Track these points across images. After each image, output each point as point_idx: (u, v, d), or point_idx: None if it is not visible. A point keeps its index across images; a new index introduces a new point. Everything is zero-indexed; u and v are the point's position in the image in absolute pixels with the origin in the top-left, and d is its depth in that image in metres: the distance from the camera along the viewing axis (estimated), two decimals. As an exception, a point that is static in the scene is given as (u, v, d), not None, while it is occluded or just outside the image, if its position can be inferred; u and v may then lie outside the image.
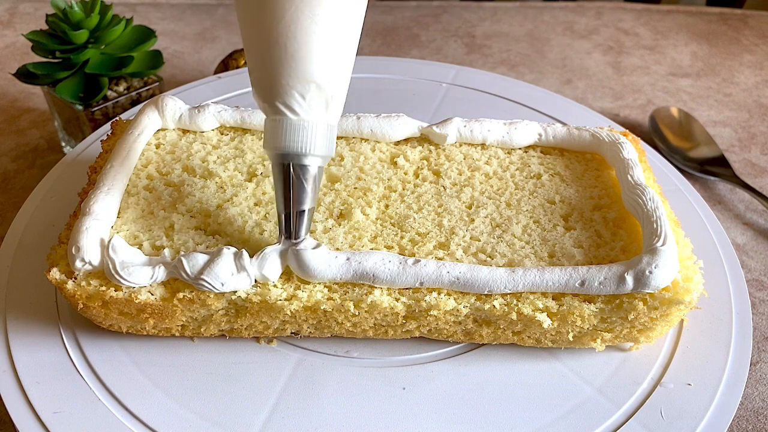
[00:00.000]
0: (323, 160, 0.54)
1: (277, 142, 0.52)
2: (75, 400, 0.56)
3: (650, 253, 0.56)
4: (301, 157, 0.53)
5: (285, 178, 0.53)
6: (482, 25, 1.33)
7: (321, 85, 0.51)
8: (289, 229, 0.55)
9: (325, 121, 0.53)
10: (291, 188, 0.53)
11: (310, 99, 0.51)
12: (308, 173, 0.53)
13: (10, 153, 0.95)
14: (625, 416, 0.57)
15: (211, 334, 0.62)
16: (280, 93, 0.51)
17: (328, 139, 0.53)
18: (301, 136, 0.52)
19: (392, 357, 0.62)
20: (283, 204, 0.54)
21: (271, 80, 0.50)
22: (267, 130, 0.53)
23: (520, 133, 0.71)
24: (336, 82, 0.52)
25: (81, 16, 0.83)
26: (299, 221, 0.55)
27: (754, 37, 1.29)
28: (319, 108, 0.52)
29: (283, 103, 0.51)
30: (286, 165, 0.53)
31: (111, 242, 0.56)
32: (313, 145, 0.52)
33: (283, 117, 0.51)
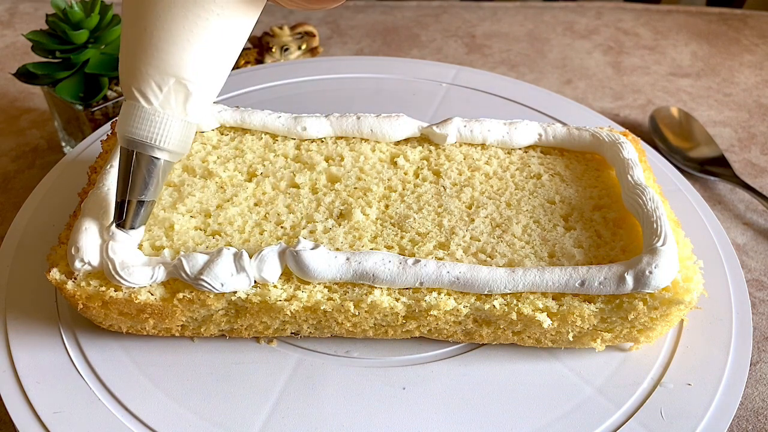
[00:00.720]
0: (171, 155, 0.53)
1: (125, 126, 0.51)
2: (75, 400, 0.56)
3: (650, 253, 0.56)
4: (147, 147, 0.52)
5: (127, 164, 0.52)
6: (482, 25, 1.33)
7: (182, 81, 0.50)
8: (120, 216, 0.55)
9: (180, 118, 0.52)
10: (131, 176, 0.52)
11: (167, 92, 0.50)
12: (153, 165, 0.53)
13: (10, 153, 0.95)
14: (625, 416, 0.57)
15: (211, 334, 0.62)
16: (138, 79, 0.50)
17: (182, 136, 0.52)
18: (150, 126, 0.51)
19: (392, 357, 0.62)
20: (120, 190, 0.54)
21: (132, 65, 0.50)
22: (121, 115, 0.52)
23: (520, 133, 0.71)
24: (201, 82, 0.51)
25: (81, 16, 0.83)
26: (134, 211, 0.54)
27: (754, 37, 1.29)
28: (177, 103, 0.51)
29: (138, 90, 0.50)
30: (131, 152, 0.52)
31: (110, 242, 0.56)
32: (163, 139, 0.51)
33: (137, 103, 0.51)
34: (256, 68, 0.97)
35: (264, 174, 0.67)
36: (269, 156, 0.69)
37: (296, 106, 0.80)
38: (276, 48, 1.01)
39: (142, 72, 0.50)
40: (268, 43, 1.01)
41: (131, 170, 0.52)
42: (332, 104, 0.81)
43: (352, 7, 1.36)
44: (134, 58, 0.50)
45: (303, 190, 0.66)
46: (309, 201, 0.65)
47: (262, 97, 0.91)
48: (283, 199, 0.65)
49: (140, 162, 0.52)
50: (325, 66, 0.98)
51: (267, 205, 0.64)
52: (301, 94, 0.93)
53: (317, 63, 0.99)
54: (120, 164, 0.53)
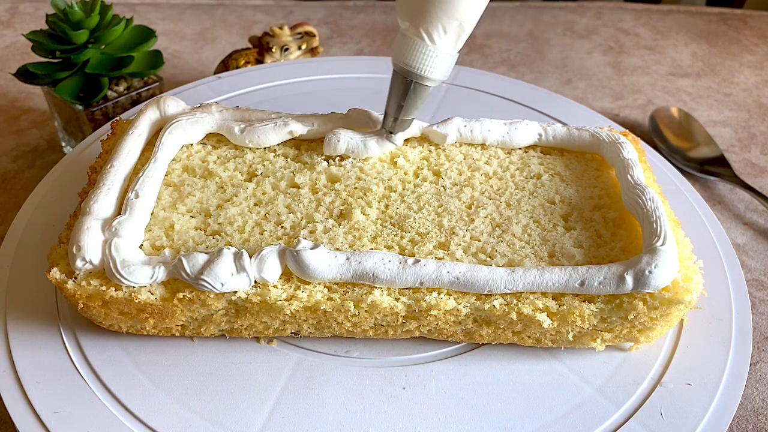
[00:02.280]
0: (437, 83, 0.62)
1: (408, 59, 0.60)
2: (75, 400, 0.56)
3: (650, 252, 0.56)
4: (425, 78, 0.61)
5: (404, 91, 0.62)
6: (482, 25, 1.33)
7: (462, 24, 0.59)
8: (393, 128, 0.66)
9: (451, 53, 0.61)
10: (407, 100, 0.63)
11: (450, 33, 0.59)
12: (425, 92, 0.63)
13: (10, 153, 0.95)
14: (625, 416, 0.57)
15: (211, 334, 0.62)
16: (427, 21, 0.58)
17: (449, 67, 0.61)
18: (431, 61, 0.59)
19: (392, 357, 0.62)
20: (396, 110, 0.64)
21: (422, 8, 0.57)
22: (401, 46, 0.60)
23: (520, 133, 0.71)
24: (473, 22, 0.60)
25: (81, 16, 0.83)
26: (402, 125, 0.66)
27: (754, 37, 1.29)
28: (453, 41, 0.60)
29: (426, 31, 0.58)
30: (409, 81, 0.61)
31: (112, 242, 0.56)
32: (438, 71, 0.61)
33: (421, 41, 0.59)
34: (256, 68, 0.97)
35: (264, 174, 0.67)
36: (269, 156, 0.69)
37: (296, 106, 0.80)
38: (276, 48, 1.01)
39: (432, 15, 0.57)
40: (268, 43, 1.01)
41: (407, 96, 0.62)
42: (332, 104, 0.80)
43: (352, 7, 1.36)
44: (425, 2, 0.57)
45: (303, 190, 0.66)
46: (309, 201, 0.65)
47: (262, 97, 0.91)
48: (283, 199, 0.65)
49: (416, 90, 0.62)
50: (325, 66, 0.98)
51: (267, 205, 0.64)
52: (301, 94, 0.93)
53: (317, 63, 0.99)
54: (396, 89, 0.63)
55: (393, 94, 0.63)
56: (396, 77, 0.62)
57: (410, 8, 0.58)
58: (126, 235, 0.57)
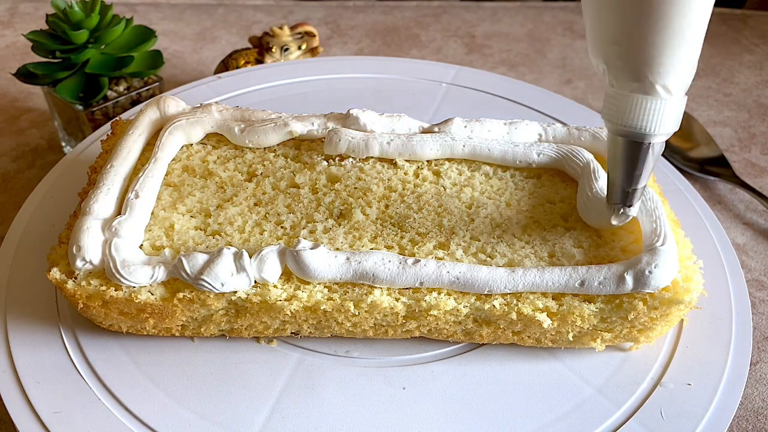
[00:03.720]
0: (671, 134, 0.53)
1: (644, 121, 0.50)
2: (75, 400, 0.56)
3: (650, 252, 0.56)
4: (665, 135, 0.51)
5: (642, 156, 0.52)
6: (482, 25, 1.33)
7: (694, 66, 0.50)
8: (631, 200, 0.54)
9: (683, 99, 0.51)
10: (645, 165, 0.52)
11: (683, 78, 0.49)
12: (660, 148, 0.53)
13: (10, 153, 0.95)
14: (625, 416, 0.57)
15: (211, 334, 0.62)
16: (663, 75, 0.48)
17: (681, 112, 0.52)
18: (669, 114, 0.50)
19: (392, 357, 0.62)
20: (629, 181, 0.53)
21: (654, 61, 0.48)
22: (627, 107, 0.50)
23: (520, 133, 0.71)
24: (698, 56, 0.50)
25: (81, 16, 0.83)
26: (641, 193, 0.55)
27: (754, 37, 1.29)
28: (686, 84, 0.50)
29: (662, 84, 0.49)
30: (646, 145, 0.51)
31: (112, 242, 0.56)
32: (673, 122, 0.51)
33: (654, 97, 0.49)
34: (256, 68, 0.97)
35: (264, 174, 0.67)
36: (269, 156, 0.69)
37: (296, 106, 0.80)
38: (276, 48, 1.01)
39: (662, 63, 0.48)
40: (268, 43, 1.01)
41: (644, 161, 0.52)
42: (332, 104, 0.80)
43: (352, 7, 1.36)
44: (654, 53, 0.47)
45: (303, 190, 0.66)
46: (309, 201, 0.65)
47: (262, 97, 0.91)
48: (283, 199, 0.65)
49: (653, 151, 0.52)
50: (325, 66, 0.98)
51: (267, 205, 0.64)
52: (301, 94, 0.93)
53: (317, 63, 0.99)
54: (625, 157, 0.52)
55: (623, 163, 0.52)
56: (623, 143, 0.52)
57: (638, 65, 0.48)
58: (126, 235, 0.57)
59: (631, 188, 0.54)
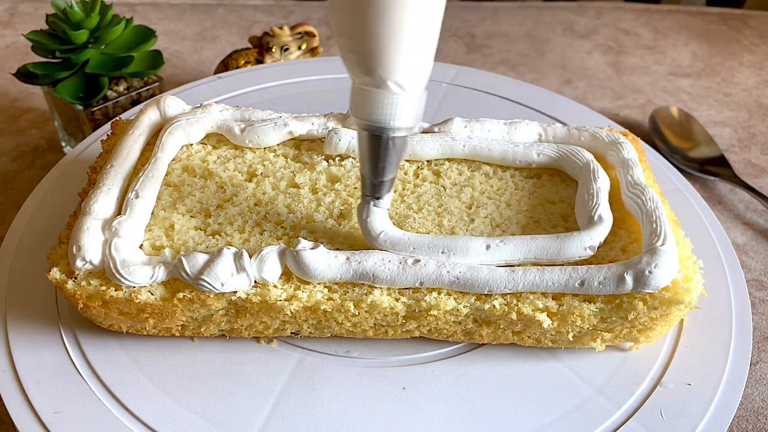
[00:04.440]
0: (413, 129, 0.55)
1: (379, 115, 0.52)
2: (75, 400, 0.56)
3: (650, 252, 0.56)
4: (400, 129, 0.53)
5: (381, 149, 0.54)
6: (482, 25, 1.33)
7: (425, 58, 0.51)
8: (378, 193, 0.57)
9: (420, 95, 0.53)
10: (386, 159, 0.54)
11: (414, 73, 0.51)
12: (403, 142, 0.55)
13: (10, 153, 0.95)
14: (625, 416, 0.57)
15: (211, 334, 0.62)
16: (393, 70, 0.50)
17: (420, 108, 0.54)
18: (405, 108, 0.52)
19: (392, 357, 0.62)
20: (375, 173, 0.55)
21: (381, 55, 0.49)
22: (364, 101, 0.52)
23: (520, 133, 0.71)
24: (432, 52, 0.52)
25: (81, 16, 0.83)
26: (389, 185, 0.57)
27: (754, 37, 1.29)
28: (420, 80, 0.52)
29: (393, 80, 0.50)
30: (385, 138, 0.53)
31: (112, 242, 0.56)
32: (411, 117, 0.53)
33: (386, 91, 0.51)
34: (256, 68, 0.97)
35: (264, 174, 0.67)
36: (269, 156, 0.69)
37: (296, 106, 0.80)
38: (276, 48, 1.01)
39: (389, 59, 0.49)
40: (268, 43, 1.01)
41: (386, 154, 0.54)
42: (332, 104, 0.80)
43: (352, 7, 1.36)
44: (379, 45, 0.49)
45: (303, 190, 0.66)
46: (309, 201, 0.65)
47: (262, 97, 0.91)
48: (283, 199, 0.65)
49: (395, 144, 0.54)
50: (325, 66, 0.98)
51: (267, 205, 0.64)
52: (301, 94, 0.93)
53: (317, 63, 0.99)
54: (369, 150, 0.54)
55: (368, 156, 0.55)
56: (368, 138, 0.54)
57: (366, 58, 0.50)
58: (126, 235, 0.57)
59: (377, 180, 0.56)
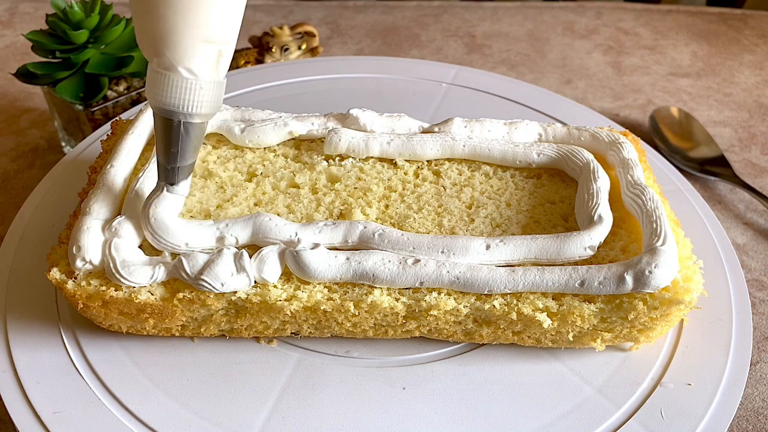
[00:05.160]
0: (208, 117, 0.54)
1: (170, 99, 0.51)
2: (75, 400, 0.56)
3: (650, 252, 0.56)
4: (195, 116, 0.52)
5: (175, 135, 0.53)
6: (482, 25, 1.33)
7: (215, 43, 0.50)
8: (174, 179, 0.56)
9: (213, 80, 0.52)
10: (180, 144, 0.53)
11: (206, 60, 0.50)
12: (200, 130, 0.54)
13: (10, 153, 0.95)
14: (625, 416, 0.57)
15: (211, 334, 0.62)
16: (179, 52, 0.49)
17: (216, 97, 0.53)
18: (197, 96, 0.51)
19: (392, 357, 0.62)
20: (167, 158, 0.54)
21: (170, 37, 0.49)
22: (156, 84, 0.51)
23: (520, 133, 0.71)
24: (232, 43, 0.52)
25: (81, 16, 0.83)
26: (184, 172, 0.56)
27: (754, 37, 1.29)
28: (210, 67, 0.51)
29: (181, 63, 0.50)
30: (177, 122, 0.52)
31: (112, 242, 0.56)
32: (207, 104, 0.52)
33: (176, 75, 0.50)
34: (256, 68, 0.97)
35: (264, 174, 0.67)
36: (269, 156, 0.69)
37: (296, 106, 0.80)
38: (276, 48, 1.01)
39: (184, 44, 0.49)
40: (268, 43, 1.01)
41: (178, 140, 0.53)
42: (332, 104, 0.80)
43: (352, 7, 1.36)
44: (170, 30, 0.48)
45: (303, 190, 0.66)
46: (309, 201, 0.65)
47: (262, 97, 0.91)
48: (283, 199, 0.65)
49: (187, 130, 0.53)
50: (325, 66, 0.98)
51: (267, 205, 0.64)
52: (301, 94, 0.93)
53: (317, 63, 0.99)
54: (163, 135, 0.53)
55: (162, 141, 0.54)
56: (160, 121, 0.53)
57: (154, 39, 0.49)
58: (126, 235, 0.57)
59: (170, 166, 0.55)
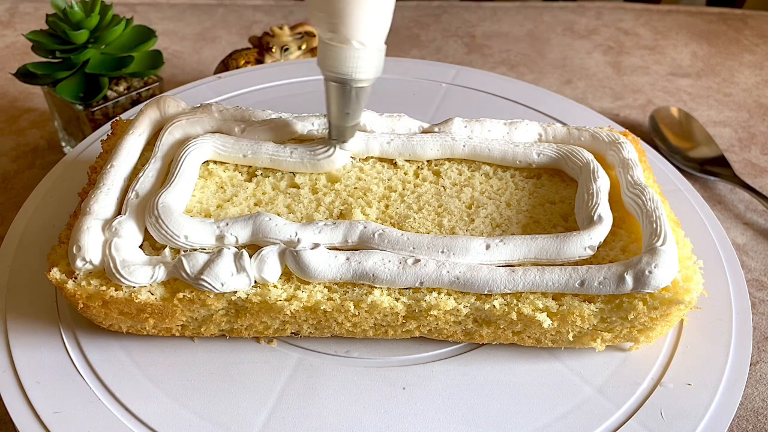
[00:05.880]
0: (375, 79, 0.61)
1: (343, 68, 0.58)
2: (75, 400, 0.56)
3: (650, 252, 0.56)
4: (364, 81, 0.59)
5: (347, 98, 0.60)
6: (482, 25, 1.33)
7: (385, 18, 0.57)
8: (344, 136, 0.65)
9: (382, 47, 0.59)
10: (351, 106, 0.61)
11: (375, 31, 0.57)
12: (367, 93, 0.61)
13: (10, 153, 0.95)
14: (625, 416, 0.57)
15: (211, 334, 0.62)
16: (353, 26, 0.55)
17: (381, 61, 0.60)
18: (366, 63, 0.58)
19: (392, 357, 0.62)
20: (342, 119, 0.62)
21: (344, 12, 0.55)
22: (330, 55, 0.58)
23: (520, 133, 0.71)
24: (391, 11, 0.58)
25: (81, 16, 0.83)
26: (352, 131, 0.65)
27: (754, 37, 1.29)
28: (381, 36, 0.58)
29: (354, 36, 0.56)
30: (349, 87, 0.59)
31: (112, 242, 0.56)
32: (374, 69, 0.59)
33: (351, 47, 0.56)
34: (256, 68, 0.97)
35: (264, 174, 0.67)
36: (269, 156, 0.69)
37: (296, 106, 0.80)
38: (276, 48, 1.01)
39: (357, 18, 0.55)
40: (268, 43, 1.01)
41: (350, 103, 0.61)
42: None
43: (352, 7, 1.36)
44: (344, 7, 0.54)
45: (303, 190, 0.66)
46: (309, 201, 0.65)
47: (262, 97, 0.91)
48: (283, 199, 0.65)
49: (358, 95, 0.60)
50: (325, 66, 0.98)
51: (267, 205, 0.64)
52: (301, 94, 0.93)
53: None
54: (336, 99, 0.61)
55: (335, 104, 0.61)
56: (333, 87, 0.60)
57: (331, 17, 0.55)
58: (126, 235, 0.57)
59: (344, 125, 0.63)
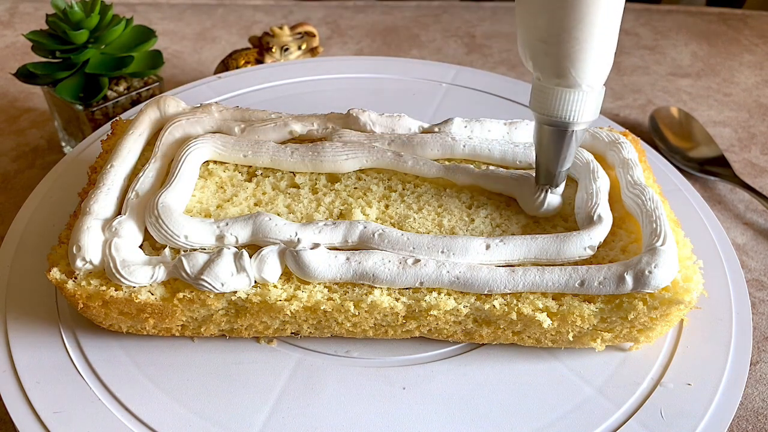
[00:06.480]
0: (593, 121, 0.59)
1: (566, 112, 0.55)
2: (75, 400, 0.56)
3: (650, 252, 0.56)
4: (582, 123, 0.57)
5: (566, 143, 0.58)
6: (482, 25, 1.33)
7: (610, 58, 0.54)
8: (556, 182, 0.61)
9: (601, 91, 0.56)
10: (569, 150, 0.58)
11: (602, 73, 0.54)
12: (583, 134, 0.58)
13: (10, 153, 0.95)
14: (625, 416, 0.57)
15: (211, 334, 0.62)
16: (586, 72, 0.53)
17: (600, 101, 0.57)
18: (589, 104, 0.55)
19: (392, 357, 0.62)
20: (556, 163, 0.59)
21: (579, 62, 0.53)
22: (551, 99, 0.55)
23: (521, 133, 0.71)
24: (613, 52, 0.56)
25: (81, 16, 0.83)
26: (564, 175, 0.61)
27: (754, 37, 1.29)
28: (603, 78, 0.55)
29: (582, 79, 0.54)
30: (570, 132, 0.57)
31: (112, 242, 0.56)
32: (593, 111, 0.57)
33: (577, 91, 0.54)
34: (256, 68, 0.97)
35: (264, 174, 0.67)
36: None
37: (296, 106, 0.80)
38: (276, 48, 1.01)
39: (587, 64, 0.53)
40: (268, 43, 1.01)
41: (568, 146, 0.58)
42: (332, 104, 0.80)
43: (352, 7, 1.36)
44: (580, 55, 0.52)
45: (303, 190, 0.66)
46: (309, 201, 0.65)
47: (262, 97, 0.91)
48: (283, 199, 0.65)
49: (576, 138, 0.58)
50: (325, 66, 0.98)
51: (267, 204, 0.64)
52: (301, 94, 0.93)
53: (317, 63, 0.99)
54: (552, 143, 0.58)
55: (551, 148, 0.58)
56: (548, 131, 0.58)
57: (562, 62, 0.53)
58: (126, 235, 0.57)
59: (557, 171, 0.60)
